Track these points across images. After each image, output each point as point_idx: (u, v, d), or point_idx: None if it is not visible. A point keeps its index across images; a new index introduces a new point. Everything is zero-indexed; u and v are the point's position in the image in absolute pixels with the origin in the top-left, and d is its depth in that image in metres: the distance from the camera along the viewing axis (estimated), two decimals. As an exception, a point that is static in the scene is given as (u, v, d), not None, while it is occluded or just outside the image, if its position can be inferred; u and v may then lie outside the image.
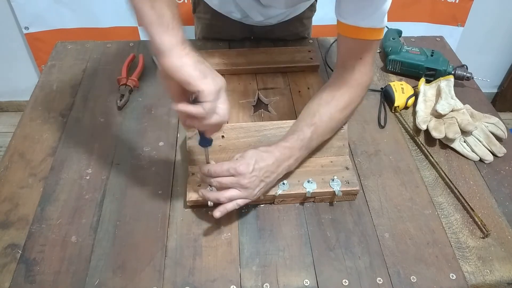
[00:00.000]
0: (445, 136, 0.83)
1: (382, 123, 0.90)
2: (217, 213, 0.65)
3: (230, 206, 0.65)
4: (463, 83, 1.00)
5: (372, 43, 0.74)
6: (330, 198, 0.74)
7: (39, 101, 0.92)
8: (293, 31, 1.08)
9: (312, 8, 1.09)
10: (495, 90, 2.13)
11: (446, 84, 0.91)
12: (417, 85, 0.95)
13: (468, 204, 0.74)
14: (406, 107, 0.94)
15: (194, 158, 0.76)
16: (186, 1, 1.65)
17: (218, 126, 0.61)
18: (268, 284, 0.64)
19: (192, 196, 0.71)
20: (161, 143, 0.84)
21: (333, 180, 0.73)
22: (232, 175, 0.65)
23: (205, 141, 0.65)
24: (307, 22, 1.10)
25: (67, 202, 0.73)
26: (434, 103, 0.90)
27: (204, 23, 1.09)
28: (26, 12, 1.64)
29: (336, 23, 0.76)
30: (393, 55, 1.02)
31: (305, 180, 0.73)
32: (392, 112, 0.93)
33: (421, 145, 0.86)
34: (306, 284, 0.64)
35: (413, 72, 1.01)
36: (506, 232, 0.72)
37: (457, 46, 1.81)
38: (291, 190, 0.72)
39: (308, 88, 0.95)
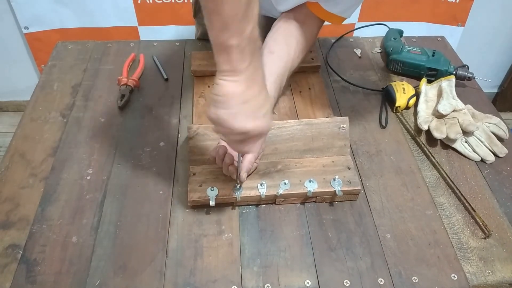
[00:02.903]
0: (447, 136, 0.83)
1: (384, 123, 0.90)
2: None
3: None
4: (465, 83, 1.00)
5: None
6: (332, 198, 0.74)
7: (39, 101, 0.92)
8: None
9: None
10: (495, 90, 2.13)
11: (448, 84, 0.91)
12: (418, 85, 0.95)
13: (470, 205, 0.74)
14: (407, 107, 0.93)
15: (195, 158, 0.76)
16: (186, 1, 1.64)
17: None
18: (269, 285, 0.64)
19: (193, 196, 0.71)
20: (162, 143, 0.83)
21: (334, 179, 0.73)
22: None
23: None
24: None
25: (68, 202, 0.73)
26: (436, 103, 0.90)
27: (204, 28, 1.08)
28: (26, 12, 1.63)
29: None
30: (394, 55, 1.02)
31: (306, 180, 0.73)
32: (393, 112, 0.93)
33: (423, 145, 0.85)
34: (308, 285, 0.64)
35: (414, 72, 1.01)
36: (508, 233, 0.72)
37: (458, 46, 1.81)
38: (292, 190, 0.72)
39: (309, 88, 0.94)
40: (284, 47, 0.81)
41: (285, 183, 0.72)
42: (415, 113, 0.91)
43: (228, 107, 0.54)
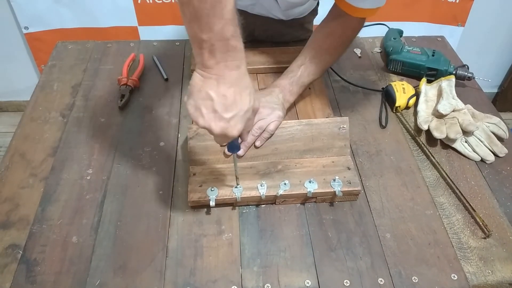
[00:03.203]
0: (447, 136, 0.83)
1: (384, 123, 0.90)
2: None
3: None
4: (464, 83, 1.00)
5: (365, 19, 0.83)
6: (332, 198, 0.74)
7: (39, 101, 0.92)
8: (294, 34, 1.08)
9: (314, 12, 1.08)
10: (495, 90, 2.13)
11: (447, 84, 0.91)
12: (418, 85, 0.95)
13: (470, 205, 0.74)
14: (407, 107, 0.93)
15: (195, 158, 0.76)
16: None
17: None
18: (269, 285, 0.64)
19: (193, 196, 0.71)
20: (161, 143, 0.83)
21: (334, 180, 0.73)
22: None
23: (230, 148, 0.65)
24: (308, 26, 1.10)
25: (68, 202, 0.73)
26: (436, 103, 0.90)
27: None
28: (26, 12, 1.64)
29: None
30: (394, 55, 1.02)
31: (306, 180, 0.73)
32: (393, 112, 0.93)
33: (423, 145, 0.85)
34: (308, 285, 0.64)
35: (414, 72, 1.01)
36: (508, 233, 0.72)
37: (458, 46, 1.81)
38: (293, 190, 0.72)
39: (309, 88, 0.94)
40: (321, 41, 0.86)
41: (285, 184, 0.72)
42: (415, 113, 0.91)
43: (193, 99, 0.55)
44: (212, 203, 0.69)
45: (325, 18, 0.86)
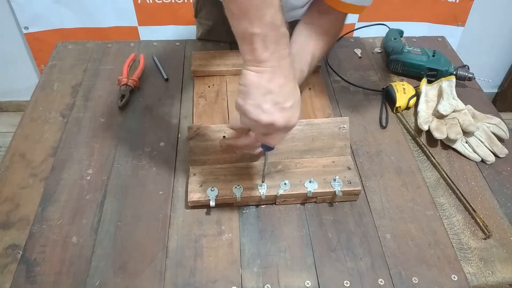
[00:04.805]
0: (447, 136, 0.83)
1: (384, 124, 0.89)
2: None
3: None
4: (465, 84, 1.00)
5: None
6: (332, 198, 0.74)
7: (39, 101, 0.92)
8: None
9: None
10: (495, 90, 2.13)
11: (448, 84, 0.91)
12: (418, 86, 0.95)
13: (470, 205, 0.74)
14: (407, 108, 0.93)
15: (195, 159, 0.76)
16: (186, 1, 1.64)
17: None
18: (269, 285, 0.64)
19: (193, 196, 0.71)
20: (162, 144, 0.83)
21: (334, 180, 0.73)
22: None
23: (265, 146, 0.64)
24: None
25: (68, 202, 0.73)
26: (436, 103, 0.90)
27: (205, 28, 1.08)
28: (26, 12, 1.64)
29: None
30: (394, 55, 1.02)
31: (306, 180, 0.73)
32: (393, 112, 0.93)
33: (423, 145, 0.85)
34: (308, 285, 0.64)
35: (414, 73, 1.01)
36: (508, 233, 0.72)
37: (458, 46, 1.81)
38: (293, 190, 0.72)
39: (310, 89, 0.94)
40: (307, 38, 0.81)
41: (285, 184, 0.72)
42: (416, 114, 0.91)
43: (253, 98, 0.54)
44: (212, 203, 0.69)
45: (307, 17, 0.84)
